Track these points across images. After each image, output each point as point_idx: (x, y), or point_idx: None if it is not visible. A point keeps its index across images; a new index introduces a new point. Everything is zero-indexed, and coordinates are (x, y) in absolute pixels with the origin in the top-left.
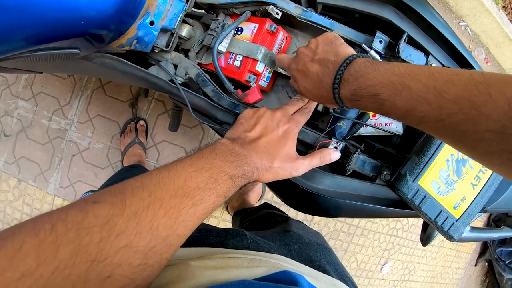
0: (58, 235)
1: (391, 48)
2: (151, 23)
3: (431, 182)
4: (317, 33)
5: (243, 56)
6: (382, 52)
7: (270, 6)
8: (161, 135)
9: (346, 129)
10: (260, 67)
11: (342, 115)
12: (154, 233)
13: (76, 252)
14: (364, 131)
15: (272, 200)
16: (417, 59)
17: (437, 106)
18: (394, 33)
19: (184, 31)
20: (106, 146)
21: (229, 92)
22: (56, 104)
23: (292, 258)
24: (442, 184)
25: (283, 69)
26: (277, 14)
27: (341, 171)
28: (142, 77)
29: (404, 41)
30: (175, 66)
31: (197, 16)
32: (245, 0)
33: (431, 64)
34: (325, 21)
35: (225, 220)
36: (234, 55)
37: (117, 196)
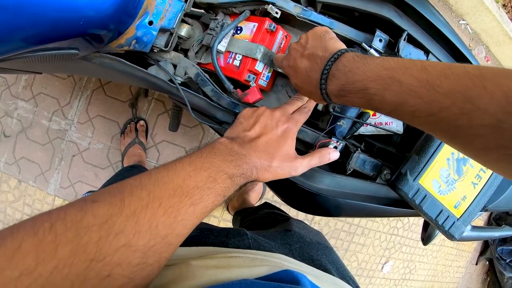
0: (57, 234)
1: (391, 47)
2: (150, 23)
3: (432, 181)
4: None
5: (243, 56)
6: (382, 51)
7: (270, 5)
8: (161, 135)
9: (346, 128)
10: (260, 67)
11: (342, 114)
12: (153, 232)
13: (75, 251)
14: (364, 130)
15: (273, 200)
16: (417, 58)
17: (429, 100)
18: (394, 32)
19: (183, 31)
20: (106, 146)
21: (229, 92)
22: (56, 105)
23: (294, 257)
24: (443, 183)
25: (280, 68)
26: (277, 13)
27: (342, 171)
28: (142, 77)
29: (404, 40)
30: (175, 66)
31: (196, 16)
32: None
33: None
34: (325, 20)
35: (226, 220)
36: (234, 55)
37: (116, 196)
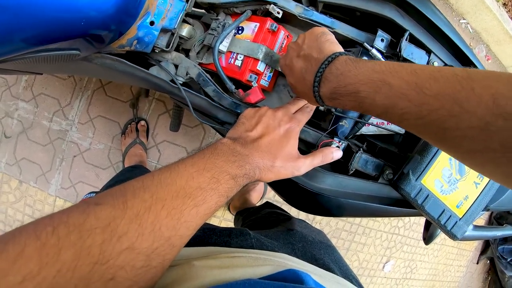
0: (60, 238)
1: (393, 47)
2: (151, 23)
3: (434, 181)
4: None
5: (244, 56)
6: (384, 51)
7: (271, 5)
8: (162, 135)
9: (348, 128)
10: (261, 67)
11: (344, 114)
12: (157, 235)
13: (78, 255)
14: (366, 130)
15: (274, 199)
16: (419, 58)
17: (418, 103)
18: (396, 32)
19: (185, 31)
20: (107, 147)
21: (230, 92)
22: (57, 105)
23: (296, 257)
24: (445, 183)
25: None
26: (278, 13)
27: (343, 171)
28: (143, 78)
29: (406, 40)
30: (176, 66)
31: (198, 16)
32: None
33: (433, 63)
34: (326, 20)
35: (227, 220)
36: (235, 55)
37: (119, 198)
